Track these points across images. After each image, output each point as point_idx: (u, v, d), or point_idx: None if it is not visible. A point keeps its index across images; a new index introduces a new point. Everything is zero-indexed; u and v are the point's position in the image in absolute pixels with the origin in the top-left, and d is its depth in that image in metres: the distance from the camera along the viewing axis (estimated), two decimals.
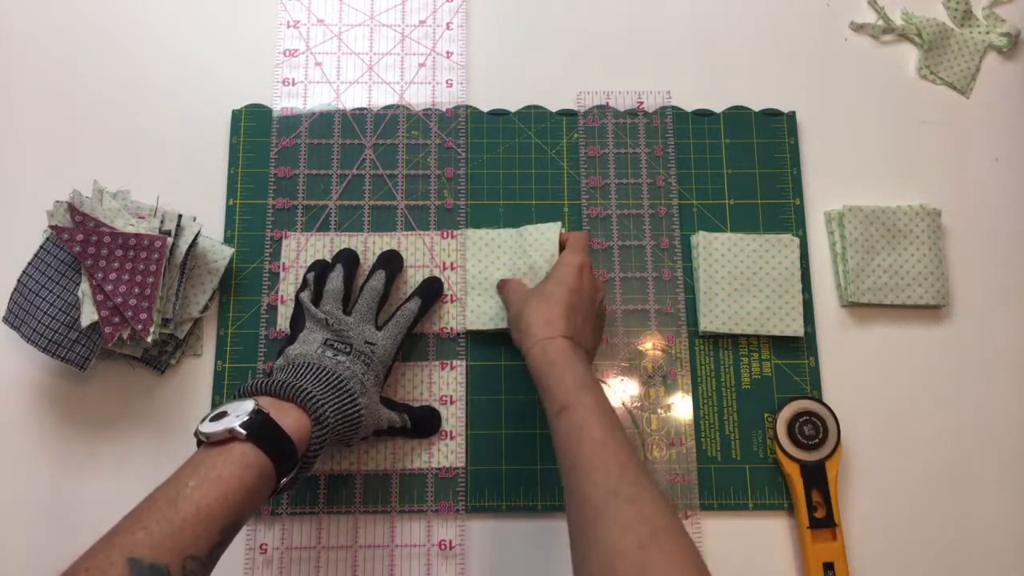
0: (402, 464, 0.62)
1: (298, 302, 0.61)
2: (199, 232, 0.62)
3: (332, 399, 0.52)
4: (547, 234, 0.65)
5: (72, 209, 0.59)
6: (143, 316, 0.58)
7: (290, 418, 0.49)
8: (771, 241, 0.66)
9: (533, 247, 0.65)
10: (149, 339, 0.58)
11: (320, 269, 0.63)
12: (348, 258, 0.64)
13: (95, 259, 0.58)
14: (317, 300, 0.61)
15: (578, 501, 0.46)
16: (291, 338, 0.59)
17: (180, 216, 0.61)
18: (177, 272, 0.60)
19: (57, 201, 0.60)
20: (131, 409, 0.63)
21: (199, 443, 0.48)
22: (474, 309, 0.65)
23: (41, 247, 0.60)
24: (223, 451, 0.46)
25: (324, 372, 0.54)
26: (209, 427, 0.47)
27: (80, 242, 0.57)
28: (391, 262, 0.64)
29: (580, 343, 0.55)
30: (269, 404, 0.49)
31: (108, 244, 0.58)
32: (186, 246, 0.61)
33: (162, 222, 0.61)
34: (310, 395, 0.51)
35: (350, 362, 0.56)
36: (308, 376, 0.53)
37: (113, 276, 0.58)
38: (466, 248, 0.66)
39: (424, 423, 0.62)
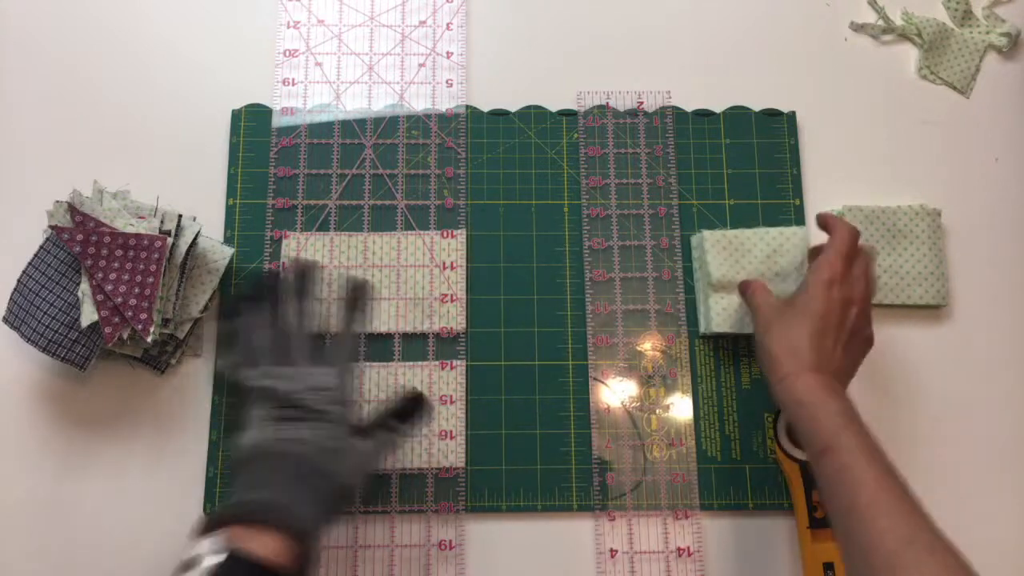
0: (402, 464, 0.62)
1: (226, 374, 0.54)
2: (199, 232, 0.62)
3: (307, 498, 0.45)
4: (792, 239, 0.64)
5: (72, 209, 0.59)
6: (143, 316, 0.58)
7: (270, 545, 0.43)
8: (786, 234, 0.65)
9: (779, 252, 0.64)
10: (149, 339, 0.58)
11: (236, 313, 0.54)
12: (275, 287, 0.55)
13: (95, 259, 0.58)
14: (252, 356, 0.52)
15: (860, 548, 0.44)
16: (238, 418, 0.51)
17: (180, 216, 0.61)
18: (177, 272, 0.60)
19: (57, 201, 0.60)
20: (131, 409, 0.63)
21: None
22: (719, 312, 0.64)
23: (41, 247, 0.60)
24: None
25: (287, 464, 0.46)
26: None
27: (80, 242, 0.57)
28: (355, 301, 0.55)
29: (832, 371, 0.52)
30: (242, 534, 0.42)
31: (108, 244, 0.58)
32: (186, 246, 0.61)
33: (162, 222, 0.61)
34: (284, 510, 0.44)
35: (310, 432, 0.48)
36: (274, 479, 0.46)
37: (113, 276, 0.58)
38: (704, 249, 0.65)
39: (411, 412, 0.56)
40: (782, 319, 0.54)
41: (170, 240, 0.60)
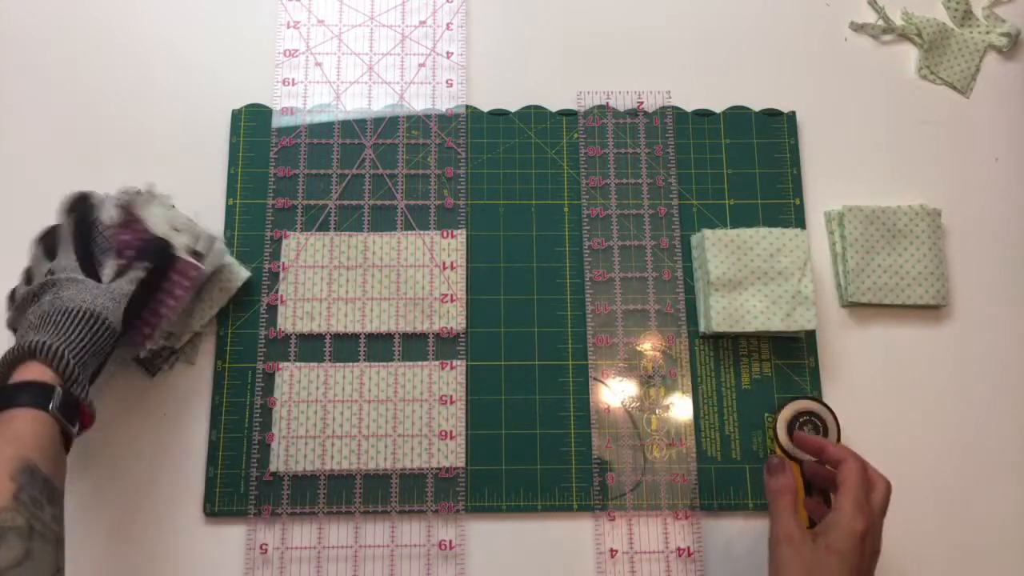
0: (402, 464, 0.62)
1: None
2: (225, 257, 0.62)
3: (68, 335, 0.52)
4: (794, 240, 0.64)
5: (126, 209, 0.59)
6: (147, 331, 0.58)
7: (38, 371, 0.50)
8: (787, 235, 0.65)
9: (781, 252, 0.64)
10: (141, 355, 0.58)
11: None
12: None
13: (128, 260, 0.57)
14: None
15: None
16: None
17: (214, 239, 0.61)
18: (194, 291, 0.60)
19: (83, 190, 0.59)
20: (129, 409, 0.63)
21: None
22: (719, 311, 0.64)
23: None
24: None
25: (47, 316, 0.53)
26: None
27: (123, 241, 0.58)
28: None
29: None
30: (23, 369, 0.51)
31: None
32: (212, 270, 0.61)
33: (195, 240, 0.60)
34: (47, 347, 0.51)
35: (38, 288, 0.55)
36: (42, 327, 0.53)
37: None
38: (704, 248, 0.65)
39: (154, 254, 0.58)
40: (815, 568, 0.49)
41: (205, 271, 0.59)
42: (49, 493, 0.47)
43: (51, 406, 0.49)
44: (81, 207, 0.59)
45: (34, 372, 0.50)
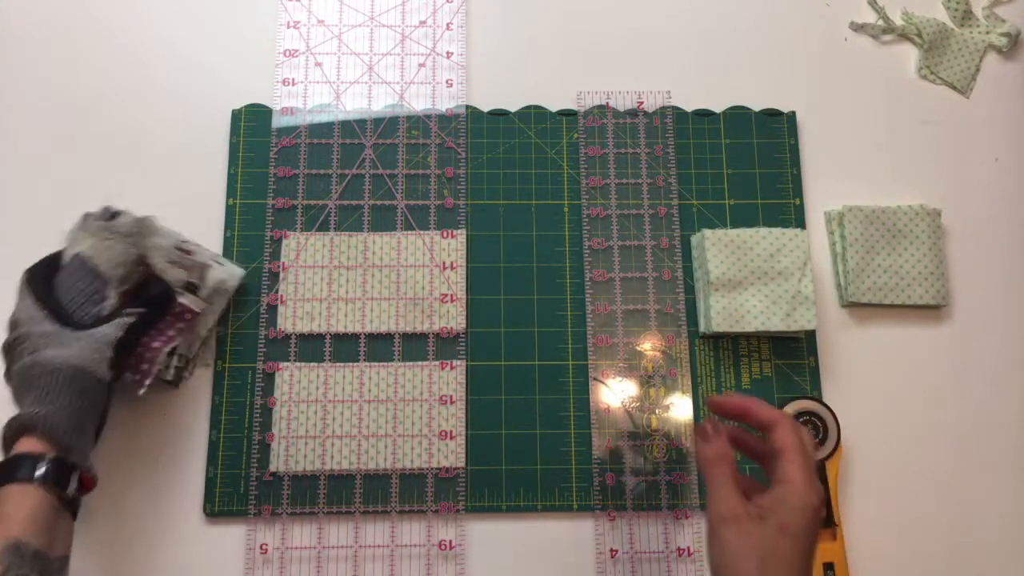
0: (402, 464, 0.62)
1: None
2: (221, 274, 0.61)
3: (57, 402, 0.51)
4: (794, 240, 0.64)
5: (135, 237, 0.57)
6: (143, 367, 0.57)
7: (31, 444, 0.50)
8: (787, 235, 0.65)
9: (781, 252, 0.64)
10: (140, 392, 0.57)
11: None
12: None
13: (124, 296, 0.56)
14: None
15: None
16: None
17: (205, 268, 0.60)
18: None
19: (87, 213, 0.58)
20: (128, 410, 0.63)
21: None
22: (719, 311, 0.64)
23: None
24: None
25: (35, 382, 0.51)
26: None
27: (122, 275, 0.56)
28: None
29: None
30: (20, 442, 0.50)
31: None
32: (206, 293, 0.61)
33: (188, 272, 0.59)
34: (39, 417, 0.50)
35: (34, 352, 0.52)
36: (29, 397, 0.52)
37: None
38: (704, 248, 0.65)
39: (155, 301, 0.57)
40: (774, 559, 0.42)
41: (199, 309, 0.59)
42: (42, 567, 0.47)
43: (34, 476, 0.48)
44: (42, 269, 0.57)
45: (27, 445, 0.50)
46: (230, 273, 0.64)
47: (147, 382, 0.57)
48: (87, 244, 0.56)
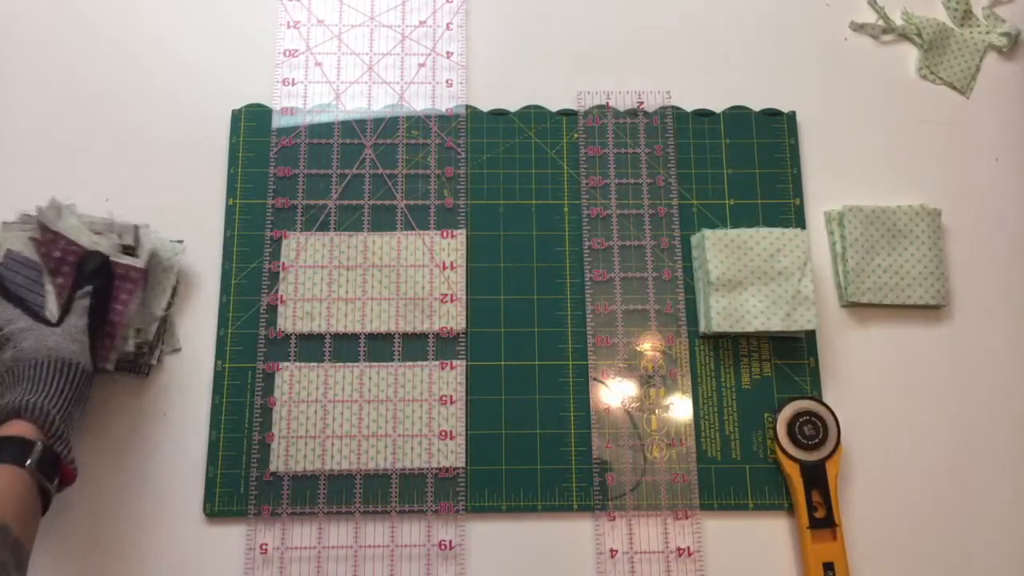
0: (402, 464, 0.62)
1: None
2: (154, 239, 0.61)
3: (44, 388, 0.51)
4: (794, 240, 0.64)
5: (43, 228, 0.58)
6: (107, 343, 0.57)
7: (22, 428, 0.50)
8: (787, 235, 0.65)
9: (781, 252, 0.64)
10: (109, 366, 0.57)
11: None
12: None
13: (65, 279, 0.57)
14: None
15: None
16: None
17: (136, 228, 0.61)
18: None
19: (5, 222, 0.59)
20: (125, 412, 0.63)
21: None
22: (719, 311, 0.64)
23: None
24: None
25: (18, 373, 0.52)
26: None
27: (55, 259, 0.57)
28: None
29: None
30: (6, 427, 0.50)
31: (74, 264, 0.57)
32: (147, 257, 0.60)
33: (119, 236, 0.60)
34: (28, 404, 0.50)
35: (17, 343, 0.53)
36: (16, 386, 0.52)
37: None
38: (704, 248, 0.65)
39: (96, 273, 0.57)
40: None
41: (143, 265, 0.59)
42: (17, 558, 0.46)
43: (28, 462, 0.48)
44: None
45: (17, 428, 0.50)
46: (169, 246, 0.63)
47: (112, 355, 0.58)
48: (13, 241, 0.58)
